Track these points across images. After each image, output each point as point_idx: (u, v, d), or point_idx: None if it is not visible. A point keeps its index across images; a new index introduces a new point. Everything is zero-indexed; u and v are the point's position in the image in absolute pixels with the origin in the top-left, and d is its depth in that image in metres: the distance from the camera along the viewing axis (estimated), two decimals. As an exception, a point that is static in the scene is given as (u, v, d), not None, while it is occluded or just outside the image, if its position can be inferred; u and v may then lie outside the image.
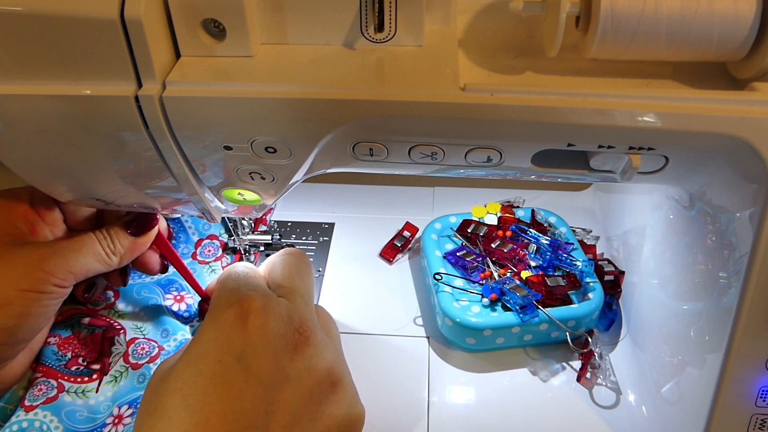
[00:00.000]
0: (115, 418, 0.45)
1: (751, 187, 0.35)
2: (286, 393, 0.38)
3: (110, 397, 0.46)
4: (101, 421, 0.45)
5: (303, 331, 0.40)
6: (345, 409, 0.40)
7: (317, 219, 0.66)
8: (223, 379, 0.36)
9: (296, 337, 0.40)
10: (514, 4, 0.35)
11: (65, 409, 0.45)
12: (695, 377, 0.42)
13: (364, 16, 0.36)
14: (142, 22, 0.33)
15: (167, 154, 0.38)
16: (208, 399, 0.35)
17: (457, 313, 0.51)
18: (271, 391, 0.37)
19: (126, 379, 0.47)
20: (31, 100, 0.36)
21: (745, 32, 0.32)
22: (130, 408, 0.45)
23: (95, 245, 0.45)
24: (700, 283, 0.41)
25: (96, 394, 0.46)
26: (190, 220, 0.58)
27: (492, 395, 0.51)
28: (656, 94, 0.34)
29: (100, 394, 0.46)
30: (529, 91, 0.34)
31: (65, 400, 0.46)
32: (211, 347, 0.37)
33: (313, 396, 0.39)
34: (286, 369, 0.38)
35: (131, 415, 0.45)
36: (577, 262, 0.55)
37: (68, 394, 0.46)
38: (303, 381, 0.39)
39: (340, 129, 0.36)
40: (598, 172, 0.39)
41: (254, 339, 0.38)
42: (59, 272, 0.42)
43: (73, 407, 0.45)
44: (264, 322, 0.39)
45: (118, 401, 0.46)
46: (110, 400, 0.46)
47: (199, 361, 0.37)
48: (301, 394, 0.38)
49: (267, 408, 0.36)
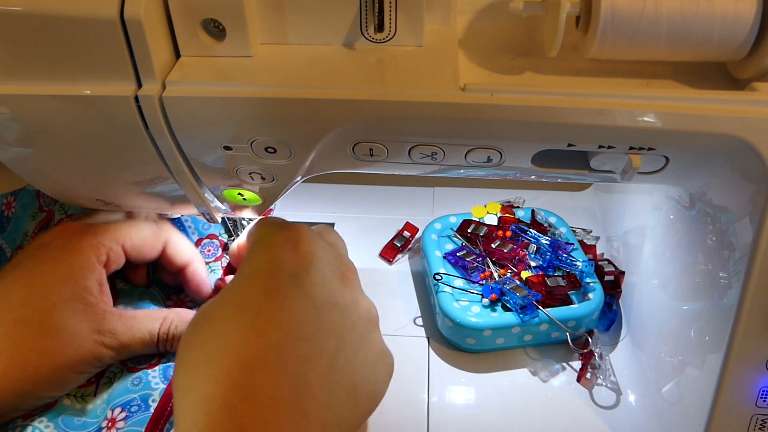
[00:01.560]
0: (109, 422, 0.44)
1: (752, 187, 0.35)
2: (335, 316, 0.38)
3: (105, 399, 0.46)
4: (96, 426, 0.45)
5: (349, 267, 0.42)
6: (381, 345, 0.42)
7: (317, 219, 0.66)
8: (277, 293, 0.37)
9: (343, 270, 0.41)
10: (514, 4, 0.35)
11: (63, 414, 0.45)
12: (695, 377, 0.42)
13: (364, 16, 0.36)
14: (142, 22, 0.33)
15: (167, 154, 0.38)
16: (263, 309, 0.36)
17: (457, 313, 0.51)
18: (321, 310, 0.38)
19: (120, 381, 0.47)
20: (31, 100, 0.36)
21: (745, 32, 0.32)
22: (123, 411, 0.45)
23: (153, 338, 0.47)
24: (700, 284, 0.41)
25: (94, 398, 0.46)
26: (190, 220, 0.58)
27: (492, 395, 0.51)
28: (656, 94, 0.34)
29: (98, 397, 0.46)
30: (529, 91, 0.34)
31: (65, 404, 0.45)
32: (264, 266, 0.38)
33: (356, 327, 0.40)
34: (335, 295, 0.39)
35: (125, 419, 0.45)
36: (577, 263, 0.55)
37: (68, 397, 0.46)
38: (349, 311, 0.39)
39: (340, 129, 0.36)
40: (598, 172, 0.39)
41: (306, 261, 0.39)
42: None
43: (71, 412, 0.45)
44: (314, 249, 0.40)
45: (111, 403, 0.45)
46: (105, 402, 0.46)
47: (252, 277, 0.38)
48: (346, 322, 0.39)
49: (317, 326, 0.37)
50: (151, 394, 0.46)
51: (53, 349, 0.42)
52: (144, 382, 0.47)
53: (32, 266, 0.44)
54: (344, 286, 0.40)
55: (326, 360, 0.36)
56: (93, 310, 0.44)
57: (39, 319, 0.42)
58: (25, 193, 0.54)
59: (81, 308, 0.44)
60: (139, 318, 0.46)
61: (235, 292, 0.37)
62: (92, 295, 0.45)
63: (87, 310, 0.44)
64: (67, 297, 0.43)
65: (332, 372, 0.36)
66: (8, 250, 0.51)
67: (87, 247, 0.45)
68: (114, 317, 0.45)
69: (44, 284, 0.43)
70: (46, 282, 0.44)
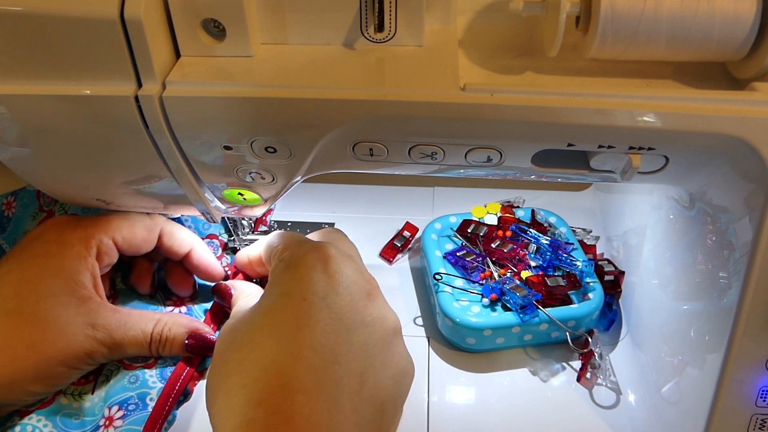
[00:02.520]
0: (106, 420, 0.44)
1: (752, 186, 0.35)
2: (362, 337, 0.39)
3: (103, 397, 0.46)
4: (94, 424, 0.45)
5: (372, 285, 0.42)
6: (406, 355, 0.42)
7: (317, 219, 0.66)
8: (310, 316, 0.37)
9: (368, 287, 0.42)
10: (514, 4, 0.35)
11: (60, 413, 0.45)
12: (695, 377, 0.42)
13: (364, 16, 0.36)
14: (142, 22, 0.33)
15: (167, 154, 0.38)
16: (299, 333, 0.36)
17: (457, 313, 0.51)
18: (351, 332, 0.38)
19: (117, 378, 0.47)
20: (31, 100, 0.36)
21: (745, 32, 0.32)
22: (121, 409, 0.45)
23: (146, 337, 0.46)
24: (700, 283, 0.41)
25: (92, 396, 0.46)
26: (189, 220, 0.58)
27: (492, 395, 0.51)
28: (656, 94, 0.34)
29: (96, 395, 0.46)
30: (529, 91, 0.34)
31: (61, 403, 0.45)
32: (296, 287, 0.39)
33: (383, 344, 0.40)
34: (362, 314, 0.40)
35: (122, 417, 0.44)
36: (577, 262, 0.55)
37: (65, 396, 0.46)
38: (376, 328, 0.40)
39: (340, 129, 0.36)
40: (598, 172, 0.39)
41: (335, 282, 0.39)
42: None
43: (69, 411, 0.45)
44: (342, 268, 0.40)
45: (108, 401, 0.45)
46: (102, 400, 0.46)
47: (285, 299, 0.38)
48: (374, 341, 0.39)
49: (348, 347, 0.38)
50: (148, 393, 0.46)
51: (43, 341, 0.42)
52: (141, 381, 0.46)
53: (24, 258, 0.44)
54: (370, 303, 0.41)
55: (356, 381, 0.37)
56: (86, 304, 0.44)
57: (30, 310, 0.42)
58: (26, 193, 0.54)
59: (74, 302, 0.43)
60: (133, 316, 0.46)
61: (269, 315, 0.38)
62: (86, 289, 0.44)
63: (80, 304, 0.44)
64: (60, 290, 0.43)
65: (362, 392, 0.37)
66: (8, 249, 0.51)
67: (77, 240, 0.45)
68: (108, 312, 0.45)
69: (36, 276, 0.43)
70: (38, 274, 0.43)
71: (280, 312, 0.38)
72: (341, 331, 0.38)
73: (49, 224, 0.47)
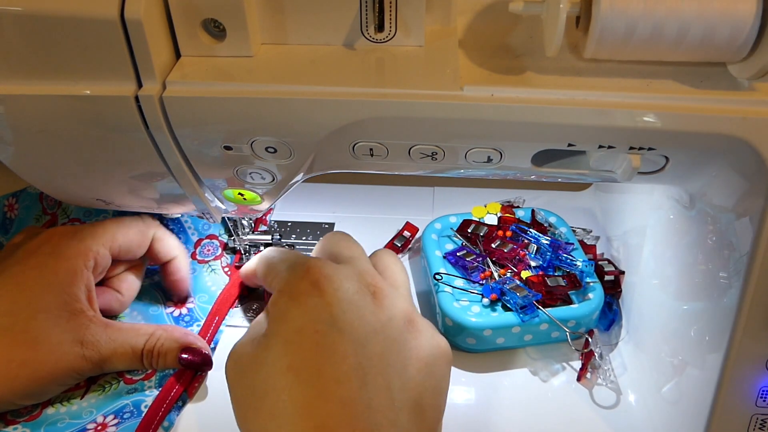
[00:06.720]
0: (98, 425, 0.44)
1: (752, 187, 0.35)
2: (378, 346, 0.38)
3: (95, 404, 0.45)
4: (82, 426, 0.44)
5: (375, 284, 0.42)
6: (428, 341, 0.41)
7: (317, 219, 0.66)
8: (326, 347, 0.37)
9: (372, 291, 0.41)
10: (514, 4, 0.35)
11: (47, 422, 0.44)
12: (695, 377, 0.42)
13: (364, 16, 0.36)
14: (142, 22, 0.33)
15: (167, 154, 0.38)
16: (321, 369, 0.36)
17: (457, 313, 0.51)
18: (366, 347, 0.38)
19: (114, 390, 0.46)
20: (31, 100, 0.36)
21: (745, 32, 0.32)
22: (116, 418, 0.44)
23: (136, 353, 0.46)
24: (700, 283, 0.41)
25: (80, 401, 0.46)
26: (189, 220, 0.58)
27: (492, 395, 0.51)
28: (656, 94, 0.34)
29: (84, 400, 0.46)
30: (529, 91, 0.34)
31: (47, 413, 0.45)
32: (303, 321, 0.38)
33: (399, 343, 0.40)
34: (372, 323, 0.39)
35: (116, 424, 0.44)
36: (577, 262, 0.55)
37: (52, 406, 0.45)
38: (388, 331, 0.39)
39: (340, 129, 0.36)
40: (598, 172, 0.39)
41: (335, 302, 0.39)
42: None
43: (56, 417, 0.45)
44: (338, 284, 0.40)
45: (103, 410, 0.45)
46: (94, 407, 0.45)
47: (299, 337, 0.38)
48: (390, 344, 0.39)
49: (367, 363, 0.37)
50: (143, 400, 0.45)
51: (33, 361, 0.42)
52: (140, 392, 0.46)
53: (19, 272, 0.44)
54: (377, 307, 0.40)
55: (385, 394, 0.37)
56: (78, 318, 0.44)
57: (22, 328, 0.43)
58: (28, 195, 0.54)
59: (65, 316, 0.44)
60: (124, 331, 0.46)
61: (288, 357, 0.37)
62: (79, 302, 0.45)
63: (71, 319, 0.44)
64: (52, 305, 0.44)
65: (393, 403, 0.37)
66: None
67: (75, 254, 0.45)
68: (99, 327, 0.45)
69: (30, 291, 0.44)
70: (32, 289, 0.44)
71: (296, 351, 0.37)
72: (357, 349, 0.37)
73: (45, 236, 0.47)
